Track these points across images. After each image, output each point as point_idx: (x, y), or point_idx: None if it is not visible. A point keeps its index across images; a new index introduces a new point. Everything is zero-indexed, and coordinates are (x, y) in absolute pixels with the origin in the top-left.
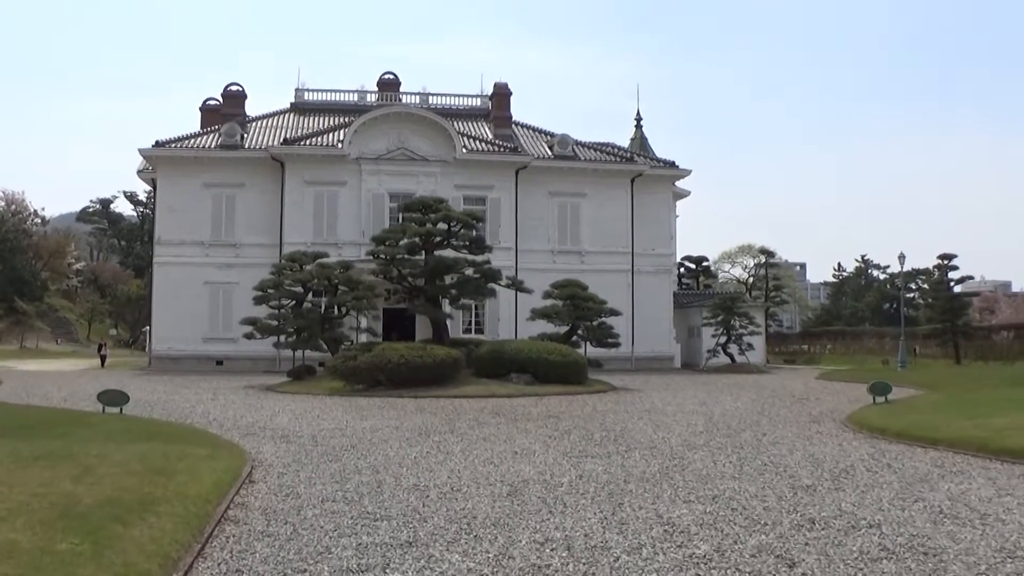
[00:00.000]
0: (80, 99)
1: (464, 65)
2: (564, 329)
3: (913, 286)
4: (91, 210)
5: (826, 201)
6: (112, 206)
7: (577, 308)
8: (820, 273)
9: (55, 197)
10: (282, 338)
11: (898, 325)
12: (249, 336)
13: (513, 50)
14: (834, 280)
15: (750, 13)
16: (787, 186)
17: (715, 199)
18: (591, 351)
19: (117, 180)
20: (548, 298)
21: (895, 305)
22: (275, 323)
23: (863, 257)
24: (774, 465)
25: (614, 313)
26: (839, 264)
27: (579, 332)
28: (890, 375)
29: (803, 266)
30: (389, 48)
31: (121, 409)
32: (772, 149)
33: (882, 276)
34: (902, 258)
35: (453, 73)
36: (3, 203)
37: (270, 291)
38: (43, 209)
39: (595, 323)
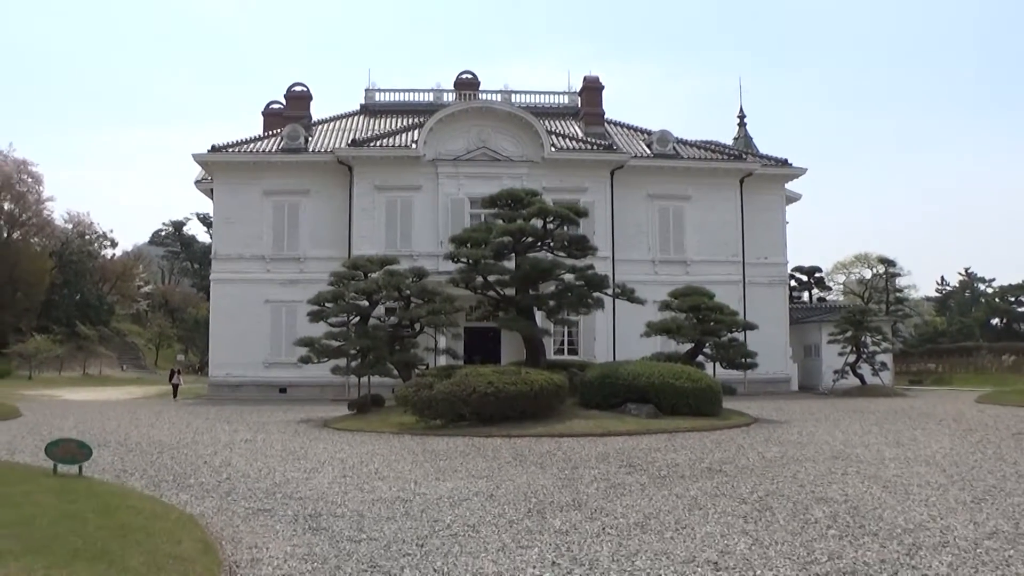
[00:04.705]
0: (152, 126)
1: (537, 81)
2: (685, 347)
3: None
4: (163, 233)
5: (911, 215)
6: (185, 228)
7: (702, 321)
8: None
9: (132, 225)
10: (344, 361)
11: (1013, 340)
12: (305, 360)
13: (583, 69)
14: (937, 295)
15: (836, 17)
16: (873, 199)
17: (812, 206)
18: (718, 373)
19: (193, 204)
20: (666, 309)
21: (1004, 320)
22: (336, 343)
23: (967, 270)
24: None
25: (749, 327)
26: (942, 278)
27: (705, 350)
28: None
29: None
30: (454, 73)
31: (80, 468)
32: (858, 159)
33: (990, 290)
34: None
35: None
36: (69, 225)
37: (328, 305)
38: (111, 231)
39: (725, 339)
